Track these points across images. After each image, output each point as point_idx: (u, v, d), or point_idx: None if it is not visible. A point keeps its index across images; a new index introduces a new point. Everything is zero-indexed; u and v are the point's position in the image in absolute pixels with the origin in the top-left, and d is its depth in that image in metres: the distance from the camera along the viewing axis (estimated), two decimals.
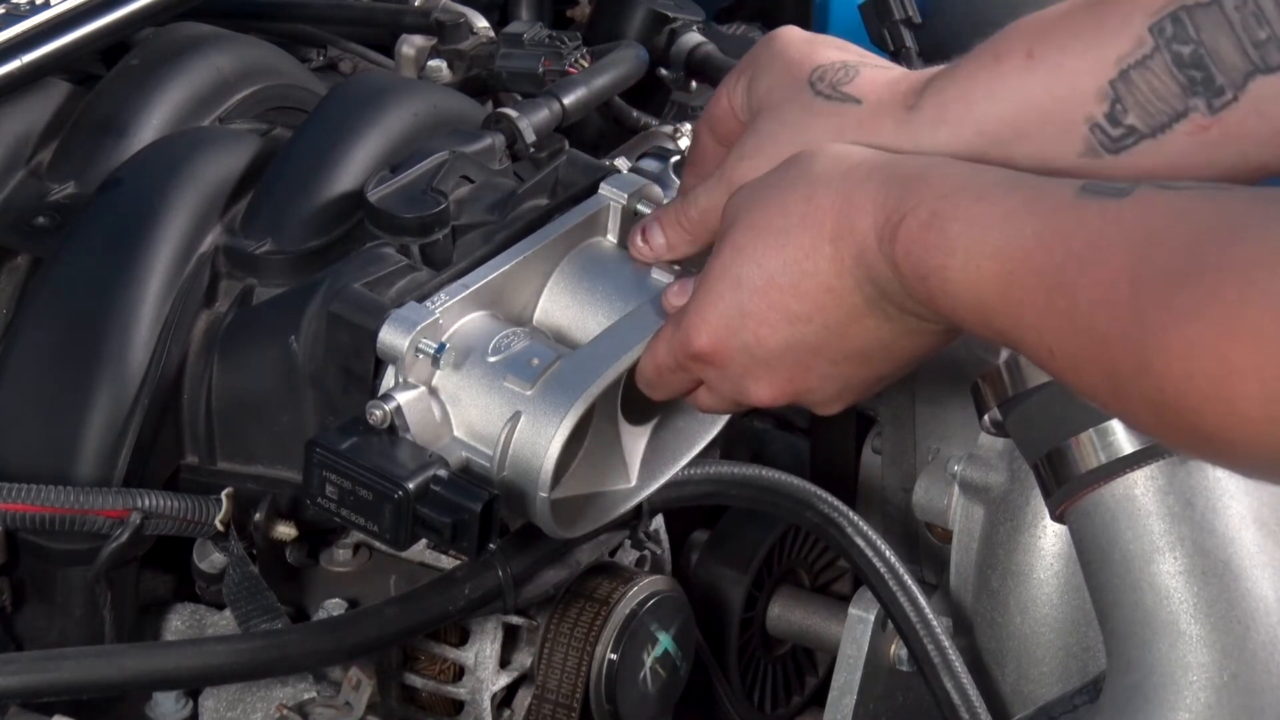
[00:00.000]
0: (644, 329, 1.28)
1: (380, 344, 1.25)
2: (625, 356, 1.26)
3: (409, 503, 1.21)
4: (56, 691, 1.26)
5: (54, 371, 1.37)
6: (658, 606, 1.46)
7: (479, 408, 1.25)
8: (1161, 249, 0.90)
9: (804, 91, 1.21)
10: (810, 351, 1.13)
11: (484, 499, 1.21)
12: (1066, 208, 0.96)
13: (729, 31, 2.03)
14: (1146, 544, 1.22)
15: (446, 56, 1.77)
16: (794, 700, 1.84)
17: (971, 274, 1.00)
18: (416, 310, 1.26)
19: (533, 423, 1.23)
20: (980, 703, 1.39)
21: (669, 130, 1.72)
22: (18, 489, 1.31)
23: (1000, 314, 0.99)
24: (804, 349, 1.13)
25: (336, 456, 1.23)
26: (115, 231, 1.41)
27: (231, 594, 1.36)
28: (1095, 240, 0.93)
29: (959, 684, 1.41)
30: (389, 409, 1.23)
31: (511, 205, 1.40)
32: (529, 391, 1.24)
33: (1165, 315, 0.88)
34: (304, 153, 1.46)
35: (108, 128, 1.52)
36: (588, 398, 1.24)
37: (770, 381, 1.16)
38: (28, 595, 1.40)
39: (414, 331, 1.24)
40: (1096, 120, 1.09)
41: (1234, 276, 0.85)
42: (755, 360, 1.15)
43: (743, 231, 1.14)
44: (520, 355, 1.26)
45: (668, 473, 1.36)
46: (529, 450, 1.23)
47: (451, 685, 1.43)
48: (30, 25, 1.53)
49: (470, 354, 1.26)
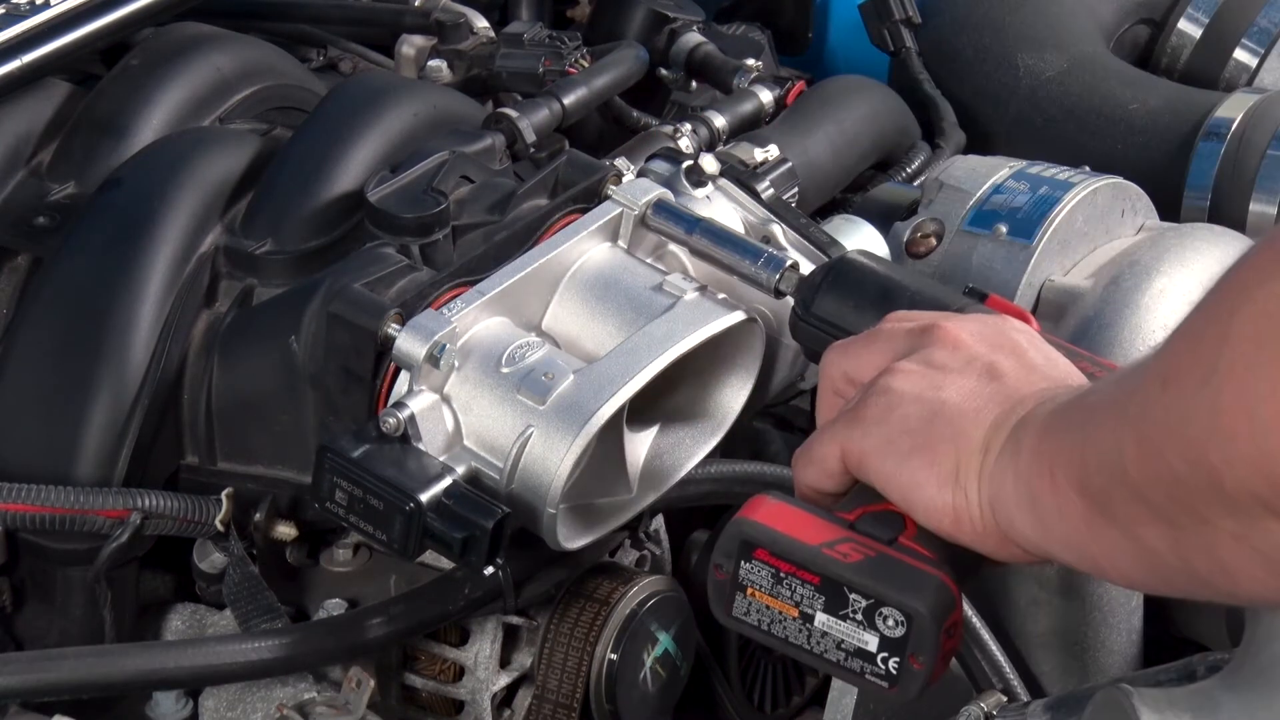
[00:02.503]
0: (656, 347, 1.27)
1: (397, 351, 1.25)
2: (638, 377, 1.26)
3: (420, 515, 1.20)
4: (56, 691, 1.26)
5: (54, 371, 1.37)
6: (658, 606, 1.46)
7: (491, 419, 1.25)
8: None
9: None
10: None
11: (496, 516, 1.21)
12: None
13: (729, 31, 2.03)
14: None
15: (446, 56, 1.77)
16: (794, 700, 1.84)
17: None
18: (433, 318, 1.25)
19: (544, 440, 1.23)
20: (1012, 669, 1.38)
21: (669, 130, 1.72)
22: (18, 489, 1.31)
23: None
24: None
25: (349, 464, 1.22)
26: (115, 232, 1.41)
27: (231, 594, 1.36)
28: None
29: (987, 651, 1.40)
30: (402, 417, 1.23)
31: (512, 205, 1.40)
32: (541, 408, 1.24)
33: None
34: (304, 153, 1.46)
35: (108, 128, 1.52)
36: (600, 419, 1.23)
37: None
38: (28, 595, 1.40)
39: (431, 340, 1.24)
40: None
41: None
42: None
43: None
44: (534, 369, 1.25)
45: (668, 482, 1.36)
46: (539, 467, 1.23)
47: (451, 685, 1.43)
48: (30, 25, 1.53)
49: (484, 363, 1.26)
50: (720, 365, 1.37)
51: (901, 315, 1.17)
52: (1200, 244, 1.51)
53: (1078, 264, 1.52)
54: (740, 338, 1.35)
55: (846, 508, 1.08)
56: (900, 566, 1.04)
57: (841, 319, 1.30)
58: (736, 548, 1.06)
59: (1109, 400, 0.95)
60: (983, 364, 1.09)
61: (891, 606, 1.03)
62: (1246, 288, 0.82)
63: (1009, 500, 1.02)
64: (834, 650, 1.05)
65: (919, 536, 1.06)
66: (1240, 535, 0.85)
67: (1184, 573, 0.92)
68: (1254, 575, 0.88)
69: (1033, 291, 1.47)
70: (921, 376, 1.09)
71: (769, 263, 1.35)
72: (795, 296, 1.32)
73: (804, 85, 1.83)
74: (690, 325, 1.30)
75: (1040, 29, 2.03)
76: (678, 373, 1.35)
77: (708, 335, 1.30)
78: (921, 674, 1.03)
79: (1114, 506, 0.93)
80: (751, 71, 1.77)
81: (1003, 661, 1.35)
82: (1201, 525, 0.87)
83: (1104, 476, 0.93)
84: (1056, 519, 0.99)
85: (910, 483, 1.06)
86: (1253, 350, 0.80)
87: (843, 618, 1.05)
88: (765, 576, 1.06)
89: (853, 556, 1.05)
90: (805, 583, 1.05)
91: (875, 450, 1.08)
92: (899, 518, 1.07)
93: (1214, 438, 0.83)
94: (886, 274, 1.32)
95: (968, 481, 1.04)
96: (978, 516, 1.04)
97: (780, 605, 1.06)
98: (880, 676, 1.05)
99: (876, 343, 1.14)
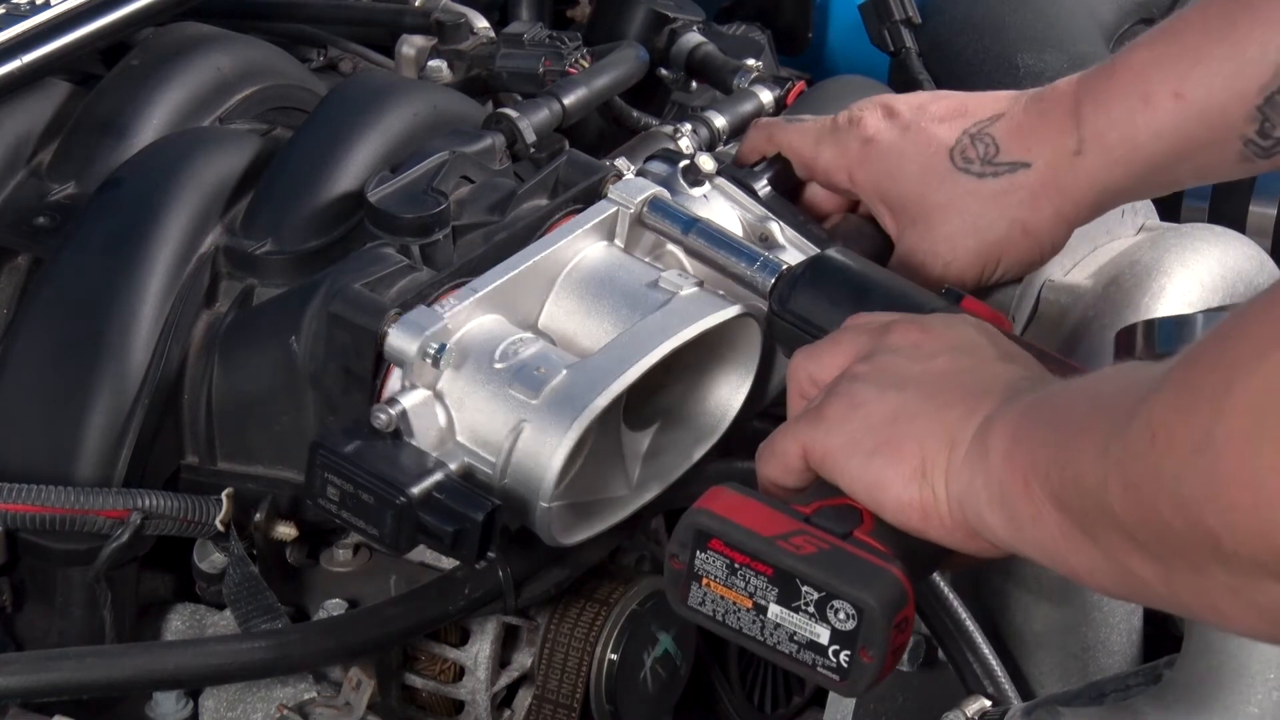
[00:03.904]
0: (650, 340, 1.27)
1: (388, 347, 1.25)
2: (631, 370, 1.26)
3: (411, 509, 1.21)
4: (56, 691, 1.26)
5: (54, 371, 1.37)
6: (658, 607, 1.46)
7: (484, 414, 1.25)
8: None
9: (959, 179, 1.35)
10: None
11: (487, 509, 1.21)
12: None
13: (729, 31, 2.03)
14: None
15: (446, 56, 1.77)
16: (794, 700, 1.84)
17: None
18: (425, 314, 1.26)
19: (537, 433, 1.23)
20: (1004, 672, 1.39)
21: (669, 130, 1.72)
22: (18, 489, 1.31)
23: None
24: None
25: (340, 459, 1.22)
26: (116, 232, 1.41)
27: (231, 594, 1.36)
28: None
29: (980, 655, 1.40)
30: (394, 413, 1.23)
31: (512, 205, 1.40)
32: (534, 401, 1.24)
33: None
34: (304, 153, 1.46)
35: (108, 128, 1.52)
36: (592, 411, 1.23)
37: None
38: (28, 595, 1.40)
39: (423, 336, 1.24)
40: (1249, 137, 1.26)
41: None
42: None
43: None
44: (527, 363, 1.26)
45: (667, 480, 1.36)
46: (532, 460, 1.23)
47: (451, 685, 1.43)
48: (30, 25, 1.53)
49: (477, 359, 1.26)
50: (718, 362, 1.37)
51: (864, 316, 1.18)
52: (1200, 244, 1.51)
53: (1078, 264, 1.51)
54: (737, 334, 1.35)
55: (804, 501, 1.09)
56: (853, 560, 1.05)
57: (816, 316, 1.31)
58: (692, 537, 1.07)
59: (1085, 426, 0.93)
60: (944, 360, 1.09)
61: (843, 599, 1.04)
62: (1245, 361, 0.81)
63: (979, 498, 1.02)
64: (786, 642, 1.06)
65: (875, 531, 1.07)
66: (1236, 589, 0.84)
67: (1172, 603, 0.91)
68: (1248, 623, 0.87)
69: (1033, 291, 1.47)
70: (882, 375, 1.09)
71: (764, 266, 1.35)
72: (773, 293, 1.33)
73: (804, 85, 1.83)
74: (685, 319, 1.30)
75: (1040, 29, 2.03)
76: (675, 370, 1.35)
77: (703, 329, 1.30)
78: (871, 667, 1.04)
79: (1096, 531, 0.92)
80: (751, 71, 1.77)
81: (994, 664, 1.35)
82: (1195, 572, 0.86)
83: (1086, 503, 0.92)
84: (1030, 525, 0.98)
85: (876, 481, 1.06)
86: (1253, 423, 0.79)
87: (795, 610, 1.05)
88: (720, 567, 1.07)
89: (806, 549, 1.05)
90: (759, 574, 1.06)
91: (839, 450, 1.08)
92: (856, 512, 1.08)
93: (1211, 504, 0.82)
94: (863, 272, 1.33)
95: (934, 477, 1.04)
96: (945, 512, 1.04)
97: (734, 596, 1.07)
98: (831, 669, 1.05)
99: (839, 344, 1.15)
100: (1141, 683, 1.31)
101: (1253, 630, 0.88)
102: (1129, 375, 0.94)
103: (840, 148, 1.42)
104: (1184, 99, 1.28)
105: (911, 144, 1.38)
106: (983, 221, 1.36)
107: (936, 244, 1.37)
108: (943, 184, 1.37)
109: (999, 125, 1.36)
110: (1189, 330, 1.20)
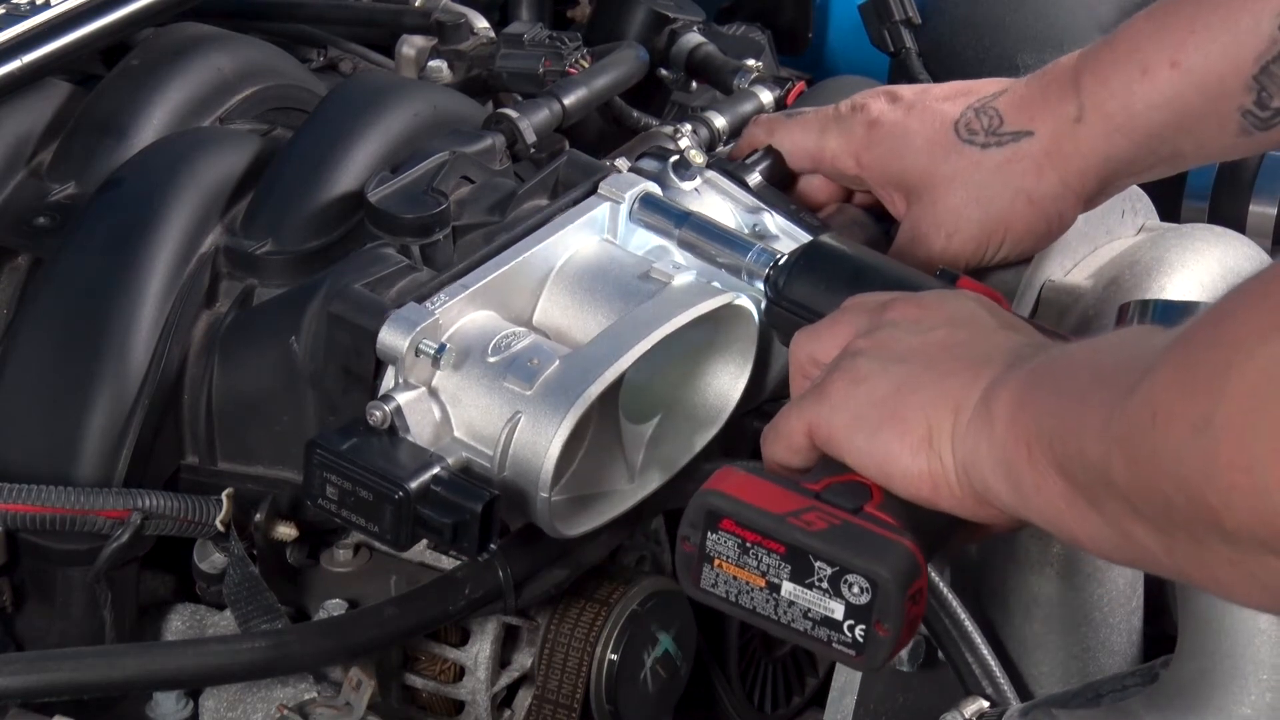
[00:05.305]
0: (643, 328, 1.28)
1: (380, 344, 1.25)
2: (625, 357, 1.26)
3: (409, 503, 1.21)
4: (56, 691, 1.26)
5: (54, 372, 1.37)
6: (658, 607, 1.46)
7: (479, 408, 1.25)
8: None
9: (964, 150, 1.36)
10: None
11: (485, 499, 1.22)
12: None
13: (729, 32, 2.03)
14: None
15: (446, 57, 1.77)
16: (794, 700, 1.84)
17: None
18: (416, 311, 1.26)
19: (533, 423, 1.23)
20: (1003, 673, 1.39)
21: (669, 130, 1.72)
22: (18, 489, 1.31)
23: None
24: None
25: (337, 457, 1.23)
26: (116, 232, 1.41)
27: (232, 594, 1.36)
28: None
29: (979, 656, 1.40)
30: (389, 410, 1.24)
31: (512, 206, 1.40)
32: (529, 392, 1.24)
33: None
34: (304, 153, 1.46)
35: (108, 128, 1.52)
36: (587, 399, 1.24)
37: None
38: (28, 595, 1.40)
39: (414, 332, 1.24)
40: (1247, 108, 1.28)
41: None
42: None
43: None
44: (520, 355, 1.26)
45: (669, 472, 1.36)
46: (529, 450, 1.23)
47: (451, 685, 1.43)
48: (30, 25, 1.53)
49: (470, 354, 1.26)
50: (715, 353, 1.38)
51: (862, 295, 1.18)
52: (1200, 244, 1.51)
53: (1078, 264, 1.51)
54: (732, 323, 1.36)
55: (813, 479, 1.09)
56: (865, 534, 1.05)
57: (812, 301, 1.31)
58: (703, 519, 1.07)
59: (1088, 397, 0.93)
60: (943, 331, 1.09)
61: (856, 573, 1.04)
62: (1243, 344, 0.81)
63: (984, 465, 1.02)
64: (801, 620, 1.06)
65: (884, 505, 1.07)
66: (1237, 562, 0.85)
67: (1174, 572, 0.91)
68: (1249, 595, 0.88)
69: (1033, 291, 1.47)
70: (883, 349, 1.09)
71: (758, 256, 1.36)
72: (768, 280, 1.33)
73: (804, 85, 1.83)
74: (678, 307, 1.31)
75: (1040, 29, 2.03)
76: (673, 363, 1.35)
77: (695, 315, 1.31)
78: (887, 640, 1.04)
79: (1099, 500, 0.93)
80: (752, 72, 1.77)
81: (993, 665, 1.35)
82: (1197, 544, 0.86)
83: (1089, 474, 0.93)
84: (1034, 492, 0.98)
85: (884, 455, 1.06)
86: (1252, 409, 0.80)
87: (809, 586, 1.05)
88: (731, 547, 1.07)
89: (817, 525, 1.05)
90: (771, 552, 1.06)
91: (844, 426, 1.08)
92: (865, 487, 1.07)
93: (1211, 484, 0.82)
94: (858, 257, 1.33)
95: (941, 445, 1.05)
96: (954, 481, 1.05)
97: (747, 575, 1.07)
98: (847, 645, 1.05)
99: (839, 323, 1.15)
100: (1139, 683, 1.31)
101: (1254, 602, 0.89)
102: (1132, 343, 0.95)
103: (846, 134, 1.42)
104: (1180, 68, 1.30)
105: (916, 120, 1.39)
106: (987, 193, 1.37)
107: (940, 216, 1.38)
108: (948, 156, 1.37)
109: (1002, 99, 1.38)
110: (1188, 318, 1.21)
